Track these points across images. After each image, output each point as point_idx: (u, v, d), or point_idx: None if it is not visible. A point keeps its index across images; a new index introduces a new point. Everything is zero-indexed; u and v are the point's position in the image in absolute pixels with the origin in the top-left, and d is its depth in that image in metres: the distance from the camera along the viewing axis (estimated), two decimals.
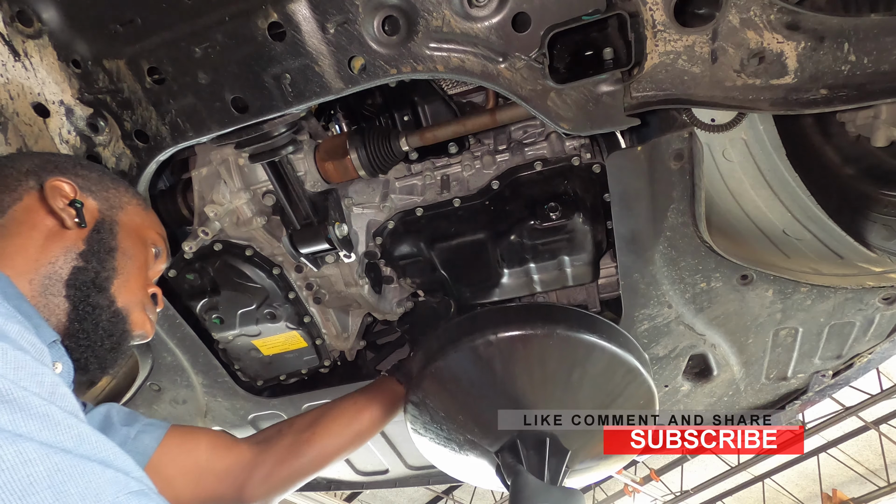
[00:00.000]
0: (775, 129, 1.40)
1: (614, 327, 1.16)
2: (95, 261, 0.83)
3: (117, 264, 0.86)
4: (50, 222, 0.81)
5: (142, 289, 0.91)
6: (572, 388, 1.14)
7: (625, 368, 1.13)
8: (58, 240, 0.80)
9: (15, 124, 1.15)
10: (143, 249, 0.94)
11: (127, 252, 0.89)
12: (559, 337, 1.09)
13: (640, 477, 9.92)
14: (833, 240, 1.41)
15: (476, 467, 1.24)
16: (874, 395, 7.76)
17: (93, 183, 0.91)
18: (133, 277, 0.89)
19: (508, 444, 1.13)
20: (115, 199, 0.94)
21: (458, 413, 1.17)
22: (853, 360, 1.48)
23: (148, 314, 0.93)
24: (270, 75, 1.03)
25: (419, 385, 1.15)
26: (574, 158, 1.37)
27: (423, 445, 1.25)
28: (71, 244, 0.82)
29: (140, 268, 0.91)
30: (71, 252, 0.81)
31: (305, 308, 1.57)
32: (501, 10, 0.94)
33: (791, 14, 0.85)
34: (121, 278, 0.86)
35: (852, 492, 9.17)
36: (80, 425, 0.56)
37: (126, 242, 0.90)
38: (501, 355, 1.10)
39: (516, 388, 1.13)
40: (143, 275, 0.92)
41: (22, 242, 0.77)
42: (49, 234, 0.80)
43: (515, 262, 1.46)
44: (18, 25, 1.03)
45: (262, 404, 1.78)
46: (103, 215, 0.89)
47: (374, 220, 1.53)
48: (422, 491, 11.26)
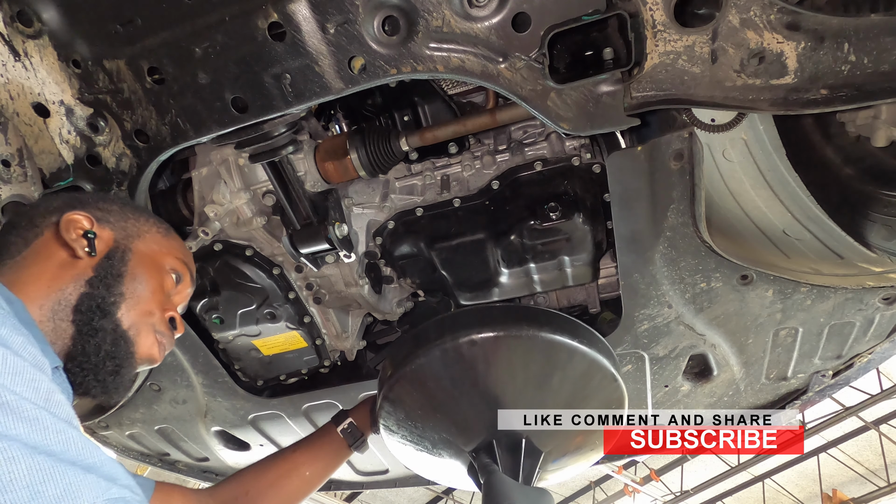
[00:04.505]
0: (775, 129, 1.39)
1: (577, 323, 1.16)
2: (102, 286, 0.86)
3: (125, 289, 0.88)
4: (64, 253, 0.85)
5: (153, 313, 0.92)
6: (540, 387, 1.15)
7: (587, 363, 1.13)
8: (70, 269, 0.85)
9: (15, 124, 1.15)
10: (158, 274, 0.95)
11: (137, 277, 0.91)
12: (524, 338, 1.10)
13: (640, 477, 9.93)
14: (833, 240, 1.41)
15: (447, 467, 1.25)
16: (874, 395, 7.76)
17: (111, 214, 0.95)
18: (144, 302, 0.91)
19: (484, 444, 1.14)
20: (133, 228, 0.96)
21: (433, 413, 1.18)
22: (853, 360, 1.48)
23: (160, 338, 0.94)
24: (270, 75, 1.03)
25: (393, 385, 1.16)
26: (574, 158, 1.37)
27: (393, 443, 1.26)
28: (81, 272, 0.85)
29: (153, 292, 0.93)
30: (80, 279, 0.84)
31: (305, 308, 1.57)
32: (501, 10, 0.94)
33: (791, 14, 0.85)
34: (129, 303, 0.88)
35: (852, 492, 9.17)
36: (69, 430, 0.58)
37: (138, 268, 0.92)
38: (468, 358, 1.11)
39: (488, 389, 1.14)
40: (156, 299, 0.93)
41: (37, 272, 0.82)
42: (62, 264, 0.84)
43: (515, 263, 1.46)
44: (18, 25, 1.03)
45: (262, 404, 1.78)
46: (118, 244, 0.92)
47: (374, 220, 1.53)
48: (422, 491, 11.27)
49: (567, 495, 11.02)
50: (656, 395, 1.61)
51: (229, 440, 2.02)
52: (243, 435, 1.96)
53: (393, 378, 1.16)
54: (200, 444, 1.99)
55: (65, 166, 1.18)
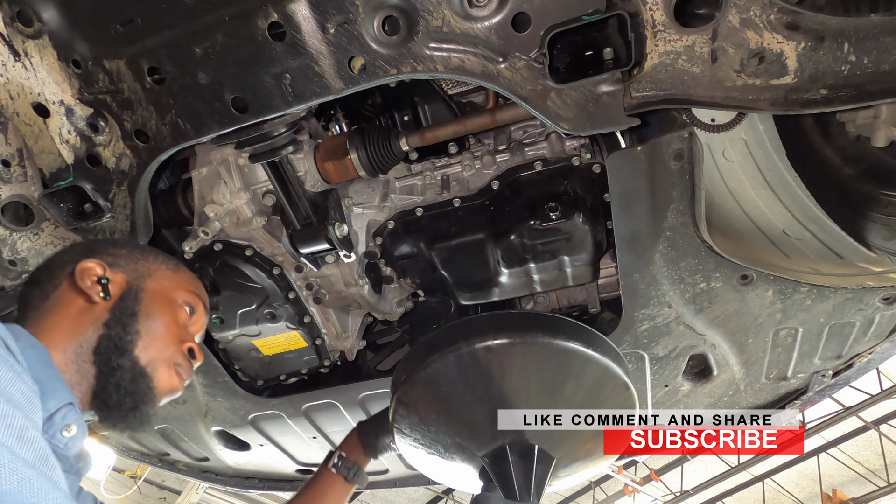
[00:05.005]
0: (775, 129, 1.39)
1: (591, 331, 1.17)
2: (118, 327, 0.91)
3: (140, 327, 0.93)
4: (81, 300, 0.92)
5: (169, 346, 0.97)
6: (554, 394, 1.17)
7: (601, 371, 1.14)
8: (88, 314, 0.91)
9: (15, 124, 1.15)
10: (171, 309, 1.00)
11: (152, 314, 0.96)
12: (538, 345, 1.11)
13: (640, 477, 9.92)
14: (833, 240, 1.41)
15: (459, 470, 1.26)
16: (874, 395, 7.75)
17: (122, 258, 1.00)
18: (159, 337, 0.95)
19: (497, 449, 1.15)
20: (143, 268, 1.01)
21: (446, 417, 1.20)
22: (853, 360, 1.48)
23: (178, 370, 0.98)
24: (270, 75, 1.03)
25: (408, 389, 1.17)
26: (574, 158, 1.37)
27: (405, 447, 1.27)
28: (98, 316, 0.91)
29: (167, 327, 0.97)
30: (98, 322, 0.90)
31: (305, 308, 1.57)
32: (501, 10, 0.94)
33: (791, 14, 0.85)
34: (145, 340, 0.93)
35: (852, 492, 9.16)
36: (25, 470, 0.59)
37: (151, 306, 0.97)
38: (483, 364, 1.13)
39: (501, 395, 1.16)
40: (171, 333, 0.98)
41: (58, 320, 0.89)
42: (80, 310, 0.91)
43: (515, 263, 1.46)
44: (18, 25, 1.03)
45: (262, 404, 1.78)
46: (130, 285, 0.97)
47: (374, 220, 1.53)
48: (422, 491, 11.26)
49: (567, 495, 11.02)
50: (656, 395, 1.61)
51: (229, 440, 2.02)
52: (243, 435, 1.96)
53: (408, 382, 1.16)
54: (200, 444, 1.99)
55: (65, 166, 1.18)
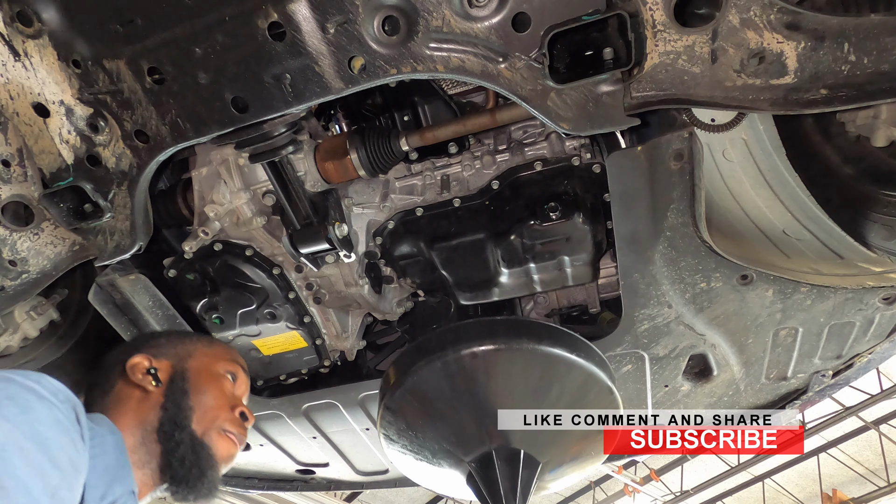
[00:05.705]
0: (775, 129, 1.39)
1: (575, 337, 1.19)
2: (174, 406, 1.02)
3: (192, 402, 1.04)
4: (137, 392, 1.03)
5: (221, 414, 1.07)
6: (539, 399, 1.18)
7: (585, 376, 1.16)
8: (146, 401, 1.02)
9: (15, 124, 1.15)
10: (216, 381, 1.10)
11: (200, 389, 1.07)
12: (523, 351, 1.14)
13: (640, 477, 9.92)
14: (833, 240, 1.41)
15: (447, 476, 1.27)
16: (874, 395, 7.75)
17: (162, 347, 1.12)
18: (211, 409, 1.06)
19: (483, 455, 1.16)
20: (182, 351, 1.12)
21: (433, 423, 1.21)
22: (853, 360, 1.48)
23: (231, 436, 1.07)
24: (271, 75, 1.03)
25: (395, 395, 1.19)
26: (574, 158, 1.37)
27: (393, 453, 1.28)
28: (155, 401, 1.03)
29: (216, 397, 1.08)
30: (156, 406, 1.02)
31: (305, 308, 1.57)
32: (501, 10, 0.94)
33: (791, 14, 0.85)
34: (198, 413, 1.04)
35: (852, 492, 9.16)
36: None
37: (198, 382, 1.08)
38: (469, 369, 1.15)
39: (488, 400, 1.18)
40: (220, 403, 1.08)
41: (123, 411, 1.01)
42: (140, 399, 1.03)
43: (515, 262, 1.46)
44: (18, 25, 1.03)
45: (262, 404, 1.78)
46: (175, 368, 1.08)
47: (374, 220, 1.53)
48: (422, 491, 11.26)
49: (567, 495, 11.02)
50: (656, 395, 1.61)
51: None
52: None
53: (395, 388, 1.17)
54: None
55: (65, 166, 1.18)
